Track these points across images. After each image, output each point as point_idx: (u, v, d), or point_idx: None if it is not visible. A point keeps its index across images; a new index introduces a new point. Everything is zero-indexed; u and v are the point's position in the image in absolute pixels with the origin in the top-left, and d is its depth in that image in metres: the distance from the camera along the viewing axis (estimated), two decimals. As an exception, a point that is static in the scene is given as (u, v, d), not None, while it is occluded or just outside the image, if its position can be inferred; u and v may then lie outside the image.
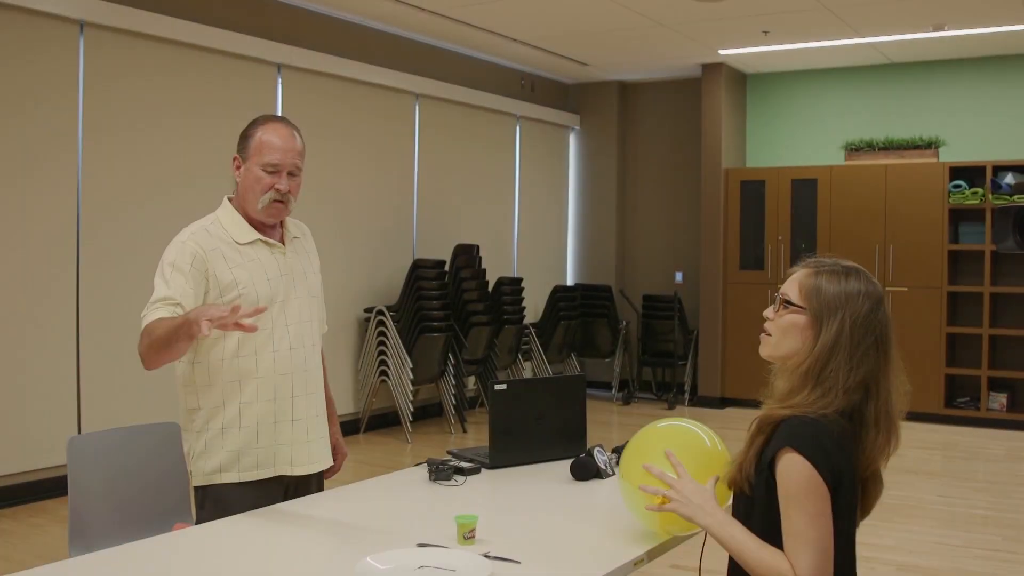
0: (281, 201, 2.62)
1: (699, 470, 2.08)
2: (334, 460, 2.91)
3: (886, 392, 1.91)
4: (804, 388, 1.89)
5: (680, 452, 2.13)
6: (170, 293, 2.50)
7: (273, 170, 2.60)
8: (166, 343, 2.40)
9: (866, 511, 2.02)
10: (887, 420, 1.91)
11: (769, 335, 2.01)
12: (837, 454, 1.84)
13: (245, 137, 2.65)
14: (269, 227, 2.69)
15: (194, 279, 2.53)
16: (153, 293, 2.53)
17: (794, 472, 1.82)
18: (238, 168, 2.65)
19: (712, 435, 2.23)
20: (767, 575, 1.84)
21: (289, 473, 2.65)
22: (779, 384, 1.96)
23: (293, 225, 2.79)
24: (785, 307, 1.98)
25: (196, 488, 2.64)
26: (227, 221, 2.65)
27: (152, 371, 2.55)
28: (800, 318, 1.95)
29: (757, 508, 1.90)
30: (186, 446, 2.66)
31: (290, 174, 2.62)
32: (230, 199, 2.70)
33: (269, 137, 2.61)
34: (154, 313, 2.47)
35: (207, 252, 2.56)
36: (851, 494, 1.90)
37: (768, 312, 2.03)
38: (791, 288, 1.99)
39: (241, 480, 2.59)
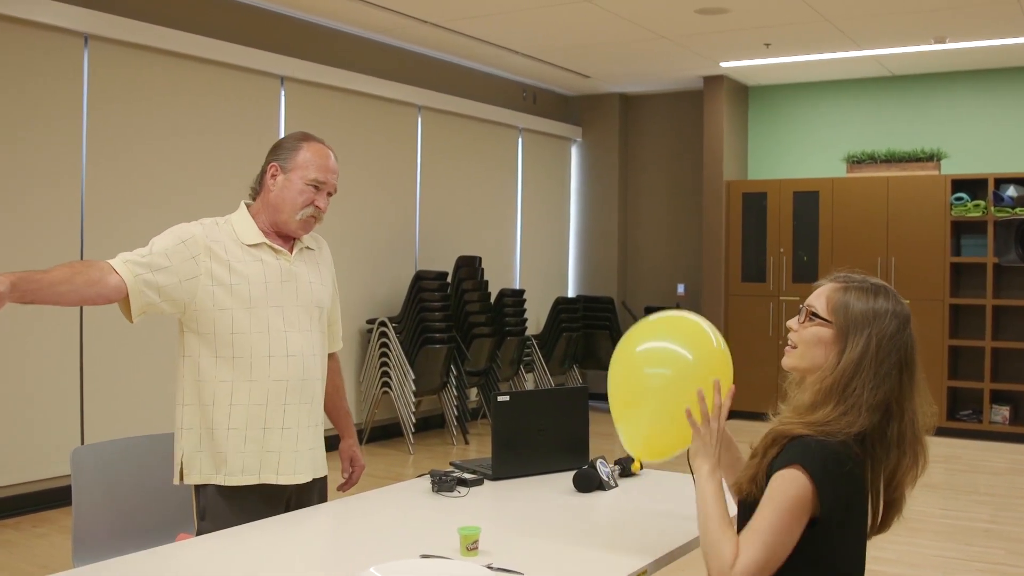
0: (314, 217, 2.69)
1: (698, 365, 2.08)
2: (351, 472, 2.94)
3: (911, 413, 1.90)
4: (828, 404, 1.88)
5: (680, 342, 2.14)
6: (145, 256, 2.49)
7: (318, 187, 2.67)
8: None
9: (884, 528, 2.01)
10: (913, 441, 1.91)
11: (794, 347, 2.01)
12: (844, 484, 1.83)
13: (287, 149, 2.68)
14: (280, 236, 2.70)
15: (180, 252, 2.52)
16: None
17: (792, 485, 1.82)
18: (274, 177, 2.66)
19: (715, 331, 2.18)
20: (710, 552, 1.87)
21: (273, 482, 2.60)
22: (803, 397, 1.95)
23: (308, 236, 2.80)
24: (811, 319, 1.98)
25: (196, 488, 2.62)
26: (238, 223, 2.66)
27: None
28: (826, 332, 1.94)
29: None
30: (175, 446, 2.63)
31: (328, 194, 2.71)
32: (248, 205, 2.71)
33: (315, 155, 2.68)
34: (110, 260, 2.44)
35: (210, 241, 2.57)
36: (861, 518, 1.90)
37: (792, 323, 2.03)
38: (818, 301, 1.98)
39: (226, 483, 2.56)
